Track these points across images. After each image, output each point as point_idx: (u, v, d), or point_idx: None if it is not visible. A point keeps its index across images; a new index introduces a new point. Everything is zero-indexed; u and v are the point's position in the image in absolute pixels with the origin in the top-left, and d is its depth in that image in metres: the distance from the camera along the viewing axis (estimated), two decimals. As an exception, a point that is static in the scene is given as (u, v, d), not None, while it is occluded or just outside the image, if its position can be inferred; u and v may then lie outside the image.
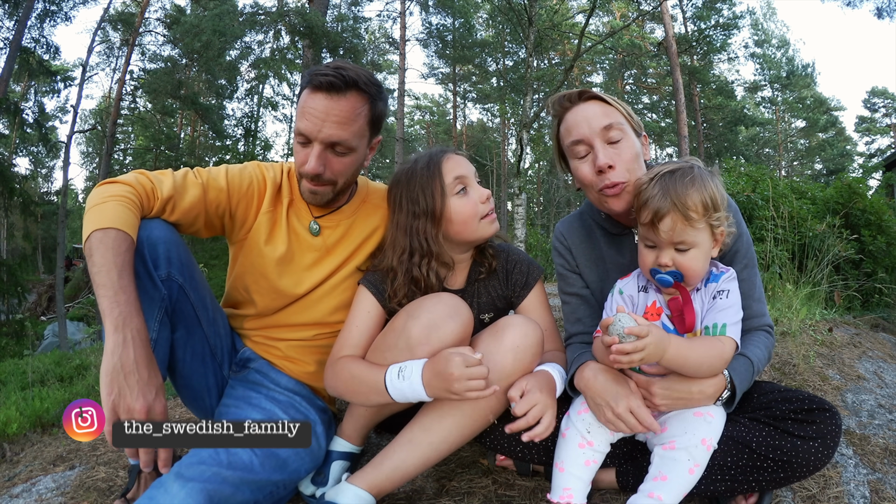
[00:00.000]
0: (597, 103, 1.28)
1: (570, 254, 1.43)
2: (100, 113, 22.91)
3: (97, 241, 1.04)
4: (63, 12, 13.99)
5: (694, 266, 1.13)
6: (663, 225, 1.11)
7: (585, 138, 1.25)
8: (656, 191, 1.12)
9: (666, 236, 1.12)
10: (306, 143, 1.27)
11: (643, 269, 1.20)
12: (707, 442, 1.12)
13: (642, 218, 1.15)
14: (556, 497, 1.17)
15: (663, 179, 1.13)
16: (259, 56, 17.44)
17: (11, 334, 9.51)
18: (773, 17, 25.62)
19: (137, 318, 1.01)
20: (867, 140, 29.88)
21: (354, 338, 1.31)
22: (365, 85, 1.25)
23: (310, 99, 1.23)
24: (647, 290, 1.25)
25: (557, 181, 22.71)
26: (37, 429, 2.35)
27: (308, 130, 1.24)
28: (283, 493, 1.26)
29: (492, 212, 1.35)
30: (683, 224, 1.11)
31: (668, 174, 1.14)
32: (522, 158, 8.35)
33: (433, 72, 23.20)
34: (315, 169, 1.26)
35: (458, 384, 1.07)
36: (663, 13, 16.23)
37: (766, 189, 4.29)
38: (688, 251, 1.13)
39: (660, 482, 1.11)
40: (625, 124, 1.26)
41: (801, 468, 1.11)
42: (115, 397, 0.95)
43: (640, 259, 1.20)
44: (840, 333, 2.67)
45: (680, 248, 1.13)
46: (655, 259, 1.15)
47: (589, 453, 1.19)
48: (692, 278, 1.15)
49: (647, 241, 1.17)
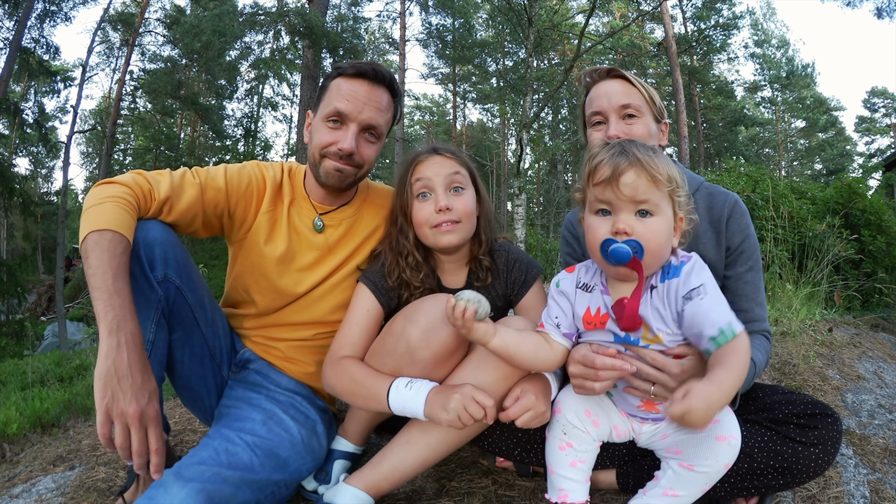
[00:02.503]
0: (621, 82, 1.34)
1: (578, 242, 1.45)
2: (100, 113, 22.93)
3: (93, 244, 1.04)
4: (63, 12, 14.00)
5: (656, 238, 0.97)
6: (626, 178, 0.96)
7: (603, 111, 1.33)
8: (613, 150, 1.00)
9: (628, 191, 0.96)
10: (340, 124, 1.32)
11: (593, 245, 1.02)
12: (729, 465, 1.05)
13: (598, 176, 0.99)
14: (554, 497, 1.16)
15: (619, 144, 1.02)
16: (259, 56, 17.45)
17: (11, 334, 9.50)
18: (773, 17, 25.61)
19: (132, 322, 1.01)
20: (867, 140, 29.92)
21: (354, 335, 1.31)
22: (395, 86, 1.39)
23: (349, 83, 1.32)
24: (588, 289, 1.10)
25: (557, 181, 22.72)
26: (37, 429, 2.35)
27: (348, 110, 1.31)
28: (285, 492, 1.25)
29: (445, 223, 1.28)
30: (648, 181, 0.97)
31: (626, 141, 1.04)
32: (522, 158, 8.35)
33: (433, 72, 23.20)
34: (351, 146, 1.31)
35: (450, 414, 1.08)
36: (663, 13, 16.24)
37: (766, 189, 4.29)
38: (651, 218, 0.98)
39: (670, 499, 1.08)
40: (643, 106, 1.32)
41: (801, 474, 1.10)
42: (108, 401, 0.95)
43: (589, 232, 1.02)
44: (840, 333, 2.67)
45: (642, 209, 0.97)
46: (611, 226, 0.98)
47: (572, 454, 1.15)
48: (652, 255, 0.98)
49: (599, 206, 1.01)
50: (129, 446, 0.96)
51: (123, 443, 0.95)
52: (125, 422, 0.95)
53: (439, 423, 1.10)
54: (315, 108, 1.41)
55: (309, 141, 1.40)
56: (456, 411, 1.07)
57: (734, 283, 1.29)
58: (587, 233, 1.03)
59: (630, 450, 1.28)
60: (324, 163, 1.35)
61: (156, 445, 0.97)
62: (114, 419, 0.95)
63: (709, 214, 1.32)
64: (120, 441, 0.95)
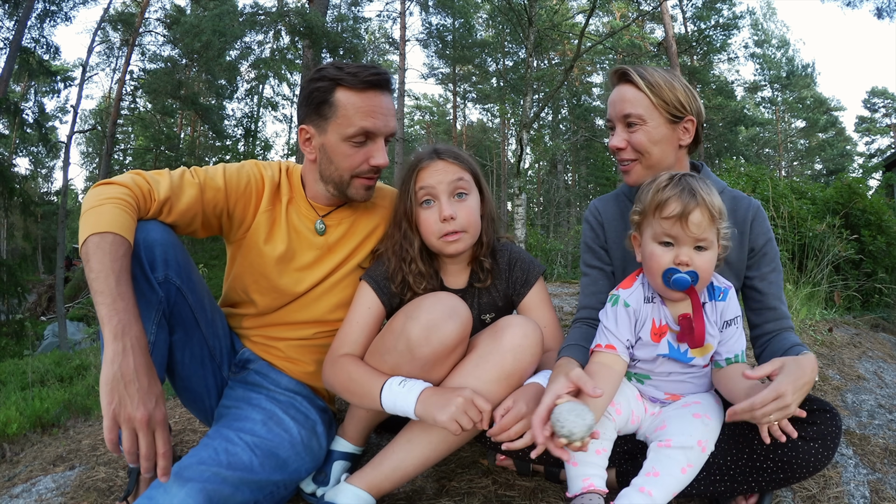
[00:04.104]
0: (628, 87, 1.34)
1: (602, 228, 1.47)
2: (100, 113, 22.92)
3: (94, 246, 1.03)
4: (63, 12, 13.98)
5: (709, 269, 1.14)
6: (694, 217, 1.10)
7: (611, 118, 1.38)
8: (681, 187, 1.12)
9: (696, 230, 1.10)
10: (367, 140, 1.30)
11: (656, 271, 1.16)
12: (703, 444, 1.12)
13: (667, 212, 1.12)
14: (577, 489, 1.14)
15: (684, 179, 1.14)
16: (259, 56, 17.46)
17: (11, 334, 9.51)
18: (773, 17, 25.60)
19: (136, 326, 1.01)
20: (867, 140, 29.91)
21: (355, 333, 1.32)
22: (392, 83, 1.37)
23: (368, 98, 1.27)
24: (652, 301, 1.22)
25: (557, 181, 22.72)
26: (37, 429, 2.36)
27: (378, 127, 1.29)
28: (284, 493, 1.25)
29: (451, 233, 1.29)
30: (709, 221, 1.11)
31: (686, 175, 1.16)
32: (522, 159, 8.34)
33: (433, 72, 23.18)
34: (387, 161, 1.32)
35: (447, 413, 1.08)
36: (663, 13, 16.24)
37: (766, 189, 4.29)
38: (705, 251, 1.13)
39: (651, 478, 1.11)
40: (647, 113, 1.31)
41: (801, 469, 1.11)
42: (115, 406, 0.94)
43: (653, 260, 1.16)
44: (840, 333, 2.68)
45: (700, 245, 1.12)
46: (675, 257, 1.13)
47: (597, 443, 1.17)
48: (703, 282, 1.15)
49: (664, 238, 1.14)
50: (136, 450, 0.95)
51: (131, 447, 0.95)
52: (133, 426, 0.95)
53: (433, 423, 1.10)
54: (317, 124, 1.31)
55: (322, 160, 1.34)
56: (455, 415, 1.07)
57: (760, 282, 1.35)
58: (650, 259, 1.17)
59: (630, 449, 1.29)
60: (354, 182, 1.34)
61: (163, 449, 0.97)
62: (121, 424, 0.95)
63: (732, 217, 1.35)
64: (128, 446, 0.95)
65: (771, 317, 1.34)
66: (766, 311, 1.35)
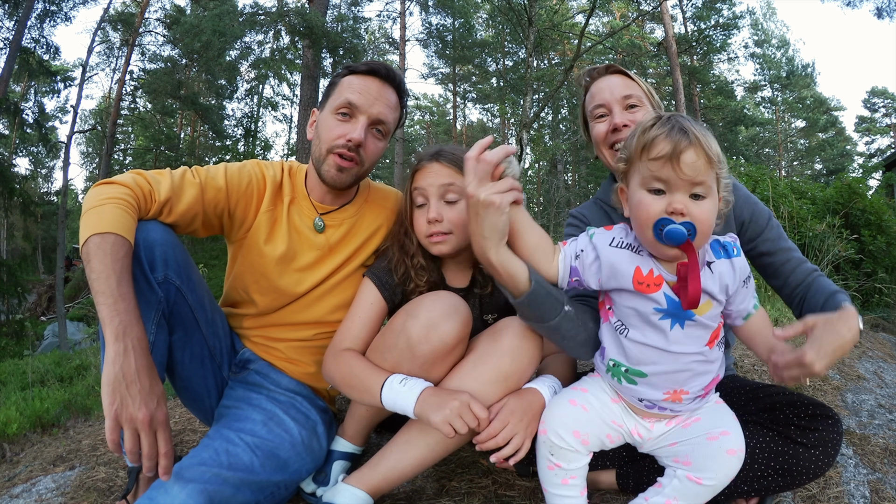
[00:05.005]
0: (620, 77, 1.40)
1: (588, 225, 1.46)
2: (100, 113, 22.94)
3: (95, 247, 1.04)
4: (63, 12, 14.00)
5: (708, 220, 0.95)
6: (687, 157, 0.92)
7: (606, 103, 1.37)
8: (671, 125, 0.95)
9: (690, 171, 0.92)
10: (350, 116, 1.33)
11: (644, 222, 0.97)
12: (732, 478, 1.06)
13: (655, 152, 0.94)
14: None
15: (674, 118, 0.97)
16: (259, 56, 17.45)
17: (11, 334, 9.51)
18: (773, 17, 25.61)
19: (138, 327, 1.01)
20: (867, 140, 29.93)
21: (357, 328, 1.32)
22: (404, 87, 1.41)
23: (360, 80, 1.34)
24: (635, 250, 1.04)
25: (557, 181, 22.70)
26: (37, 429, 2.35)
27: (360, 103, 1.32)
28: (284, 493, 1.25)
29: (436, 234, 1.29)
30: (706, 162, 0.93)
31: (676, 115, 0.99)
32: (522, 158, 8.35)
33: (433, 72, 23.20)
34: (360, 137, 1.31)
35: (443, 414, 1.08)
36: (663, 13, 16.24)
37: (766, 189, 4.29)
38: (703, 200, 0.95)
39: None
40: (644, 98, 1.37)
41: (801, 475, 1.10)
42: (117, 407, 0.95)
43: (641, 209, 0.97)
44: (840, 333, 2.66)
45: (697, 192, 0.94)
46: (667, 205, 0.94)
47: (561, 473, 1.10)
48: (703, 237, 0.96)
49: (654, 184, 0.96)
50: (138, 450, 0.96)
51: (133, 447, 0.95)
52: (135, 427, 0.95)
53: (429, 423, 1.10)
54: (322, 105, 1.40)
55: (314, 137, 1.39)
56: (448, 417, 1.07)
57: (763, 245, 1.33)
58: (637, 209, 0.98)
59: (630, 450, 1.27)
60: (328, 159, 1.34)
61: (165, 448, 0.97)
62: (123, 424, 0.95)
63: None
64: (130, 446, 0.95)
65: (789, 269, 1.31)
66: (783, 265, 1.31)
